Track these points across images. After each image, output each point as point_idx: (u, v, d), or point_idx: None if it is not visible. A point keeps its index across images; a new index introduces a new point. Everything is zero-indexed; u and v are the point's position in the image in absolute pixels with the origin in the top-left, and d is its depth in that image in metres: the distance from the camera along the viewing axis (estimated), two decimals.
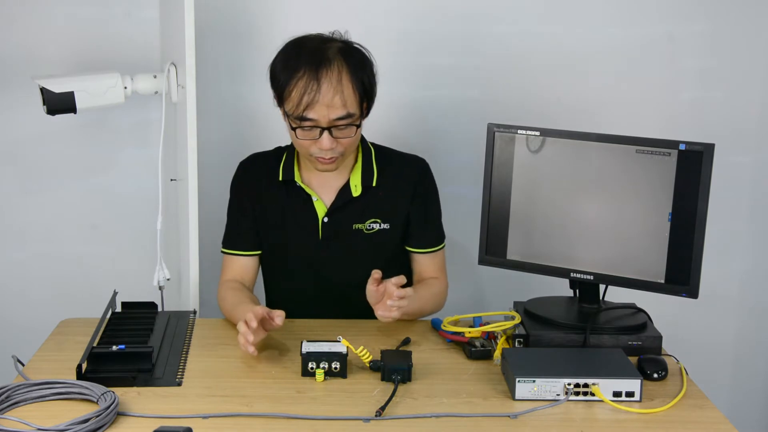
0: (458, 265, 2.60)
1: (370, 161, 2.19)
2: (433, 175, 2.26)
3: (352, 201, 2.17)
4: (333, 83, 1.99)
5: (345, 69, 2.01)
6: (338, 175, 2.17)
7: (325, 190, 2.18)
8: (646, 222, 1.99)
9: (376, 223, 2.18)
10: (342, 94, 2.00)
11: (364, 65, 2.06)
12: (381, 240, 2.19)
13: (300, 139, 2.05)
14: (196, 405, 1.72)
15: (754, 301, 2.92)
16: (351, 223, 2.18)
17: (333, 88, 1.99)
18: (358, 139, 2.11)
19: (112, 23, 2.66)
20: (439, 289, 2.24)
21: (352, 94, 2.02)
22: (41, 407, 1.69)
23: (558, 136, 2.06)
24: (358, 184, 2.17)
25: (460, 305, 2.30)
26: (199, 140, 2.23)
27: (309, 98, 1.99)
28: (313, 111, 2.00)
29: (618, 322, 2.03)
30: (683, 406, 1.76)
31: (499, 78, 2.74)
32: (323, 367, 1.83)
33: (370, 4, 2.67)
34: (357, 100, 2.03)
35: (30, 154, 2.74)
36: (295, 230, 2.20)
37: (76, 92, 2.27)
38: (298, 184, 2.18)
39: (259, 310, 1.89)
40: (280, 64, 2.05)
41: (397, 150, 2.27)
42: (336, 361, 1.83)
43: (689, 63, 2.76)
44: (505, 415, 1.70)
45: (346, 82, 2.01)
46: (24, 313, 2.78)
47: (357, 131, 2.06)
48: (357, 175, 2.18)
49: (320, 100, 1.99)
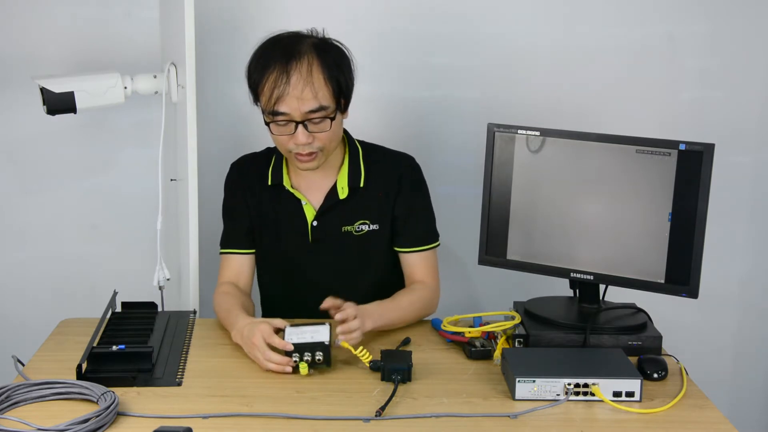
0: (458, 265, 2.60)
1: (357, 161, 2.18)
2: (420, 171, 2.22)
3: (339, 203, 2.16)
4: (303, 75, 1.98)
5: (316, 62, 2.00)
6: (325, 177, 2.16)
7: (313, 193, 2.17)
8: (646, 222, 1.99)
9: (365, 225, 2.17)
10: (312, 87, 1.99)
11: (338, 59, 2.05)
12: (371, 241, 2.18)
13: (276, 135, 2.05)
14: (196, 405, 1.72)
15: (754, 301, 2.92)
16: (340, 225, 2.17)
17: (303, 80, 1.98)
18: (337, 135, 2.08)
19: (112, 23, 2.66)
20: (423, 295, 2.16)
21: (324, 86, 2.00)
22: (41, 407, 1.69)
23: (558, 136, 2.06)
24: (344, 186, 2.15)
25: (460, 305, 2.30)
26: (199, 140, 2.23)
27: (279, 92, 1.98)
28: (284, 104, 1.99)
29: (618, 322, 2.03)
30: (683, 406, 1.76)
31: (499, 78, 2.74)
32: (307, 359, 1.82)
33: (370, 4, 2.67)
34: (330, 93, 2.01)
35: (30, 154, 2.75)
36: (285, 234, 2.18)
37: (76, 92, 2.27)
38: (287, 188, 2.17)
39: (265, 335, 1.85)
40: (254, 62, 2.05)
41: (386, 147, 2.25)
42: (318, 351, 1.82)
43: (689, 63, 2.76)
44: (505, 415, 1.70)
45: (317, 75, 2.00)
46: (24, 313, 2.78)
47: (333, 125, 2.04)
48: (344, 177, 2.16)
49: (290, 92, 1.98)
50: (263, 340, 1.86)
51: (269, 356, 1.84)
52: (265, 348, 1.85)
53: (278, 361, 1.83)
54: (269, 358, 1.84)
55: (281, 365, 1.83)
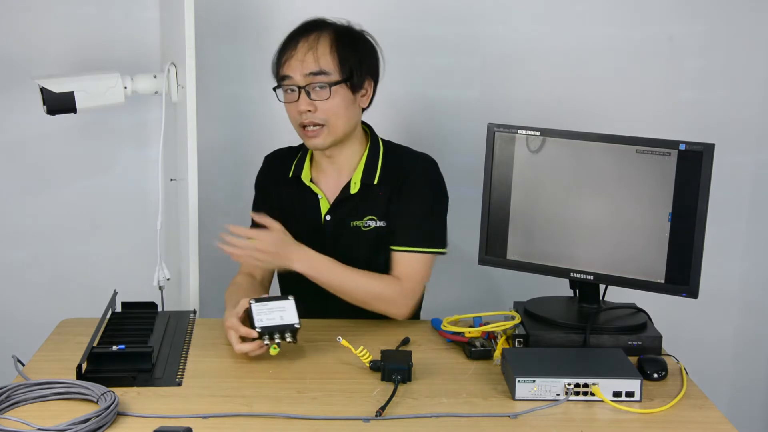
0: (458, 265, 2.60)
1: (375, 159, 2.19)
2: (434, 173, 2.21)
3: (350, 198, 2.18)
4: (309, 41, 2.09)
5: (327, 32, 2.11)
6: (342, 172, 2.19)
7: (330, 188, 2.21)
8: (646, 222, 1.99)
9: (373, 221, 2.18)
10: (315, 51, 2.08)
11: (355, 38, 2.13)
12: (377, 237, 2.18)
13: (285, 104, 2.12)
14: (196, 405, 1.72)
15: (754, 300, 2.92)
16: (349, 220, 2.18)
17: (308, 45, 2.09)
18: (344, 113, 2.11)
19: (112, 23, 2.66)
20: (386, 286, 2.10)
21: (328, 53, 2.08)
22: (41, 407, 1.69)
23: (558, 136, 2.06)
24: (357, 182, 2.17)
25: (460, 305, 2.30)
26: (199, 140, 2.23)
27: (287, 56, 2.10)
28: (289, 67, 2.09)
29: (618, 322, 2.03)
30: (683, 406, 1.76)
31: (499, 78, 2.74)
32: (277, 341, 1.89)
33: (371, 4, 2.67)
34: (334, 62, 2.08)
35: (30, 154, 2.75)
36: (302, 228, 2.19)
37: (76, 92, 2.28)
38: (305, 182, 2.20)
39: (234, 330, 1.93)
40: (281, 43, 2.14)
41: (409, 148, 2.25)
42: (287, 332, 1.90)
43: (689, 63, 2.76)
44: (505, 415, 1.70)
45: (324, 42, 2.09)
46: (24, 313, 2.78)
47: (335, 96, 2.08)
48: (359, 173, 2.18)
49: (295, 55, 2.09)
50: (235, 336, 1.92)
51: (240, 348, 1.91)
52: (236, 342, 1.92)
53: (249, 350, 1.90)
54: (240, 350, 1.91)
55: (254, 349, 1.91)
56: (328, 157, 2.19)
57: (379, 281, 2.12)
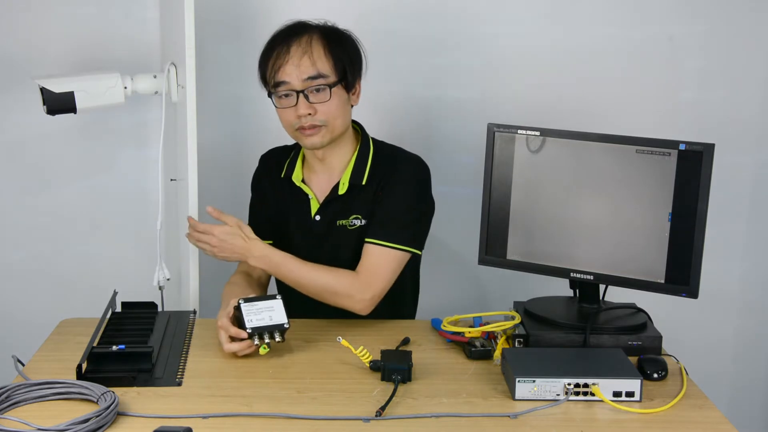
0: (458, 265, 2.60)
1: (365, 159, 2.19)
2: (420, 172, 2.18)
3: (337, 198, 2.18)
4: (302, 45, 2.09)
5: (317, 36, 2.11)
6: (332, 173, 2.20)
7: (320, 188, 2.21)
8: (646, 222, 1.99)
9: (358, 219, 2.18)
10: (311, 55, 2.08)
11: (342, 39, 2.13)
12: (361, 236, 2.16)
13: (281, 110, 2.11)
14: (196, 405, 1.72)
15: (754, 300, 2.92)
16: (337, 220, 2.19)
17: (301, 49, 2.08)
18: (341, 113, 2.12)
19: (112, 23, 2.66)
20: (345, 283, 2.07)
21: (323, 57, 2.08)
22: (41, 407, 1.69)
23: (558, 136, 2.06)
24: (346, 182, 2.18)
25: (460, 305, 2.30)
26: (199, 140, 2.23)
27: (280, 62, 2.08)
28: (284, 73, 2.08)
29: (618, 322, 2.03)
30: (683, 406, 1.76)
31: (499, 78, 2.74)
32: (267, 341, 1.90)
33: (371, 4, 2.67)
34: (330, 64, 2.09)
35: (30, 154, 2.74)
36: (293, 227, 2.22)
37: (76, 92, 2.27)
38: (296, 183, 2.21)
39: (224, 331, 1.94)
40: (264, 48, 2.14)
41: (399, 148, 2.25)
42: (276, 331, 1.91)
43: (689, 63, 2.76)
44: (505, 415, 1.70)
45: (317, 45, 2.09)
46: (24, 313, 2.78)
47: (334, 97, 2.09)
48: (347, 174, 2.18)
49: (289, 60, 2.08)
50: (225, 335, 1.94)
51: (229, 348, 1.93)
52: (226, 341, 1.93)
53: (238, 349, 1.92)
54: (229, 350, 1.93)
55: (242, 349, 1.93)
56: (319, 159, 2.20)
57: (334, 275, 2.09)
